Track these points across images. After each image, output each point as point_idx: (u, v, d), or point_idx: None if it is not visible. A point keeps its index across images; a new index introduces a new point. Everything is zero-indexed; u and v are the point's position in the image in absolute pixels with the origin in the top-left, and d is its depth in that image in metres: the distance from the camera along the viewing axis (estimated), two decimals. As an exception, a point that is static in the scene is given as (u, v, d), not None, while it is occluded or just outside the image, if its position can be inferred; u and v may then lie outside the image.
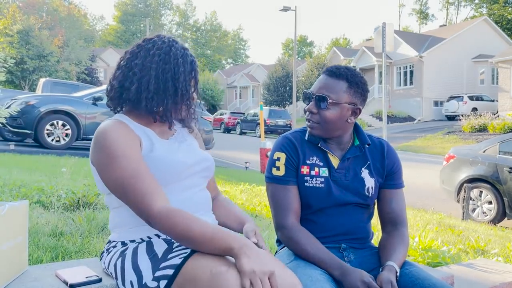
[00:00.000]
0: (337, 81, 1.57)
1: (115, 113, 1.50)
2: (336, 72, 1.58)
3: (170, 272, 1.18)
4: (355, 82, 1.58)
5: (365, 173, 1.63)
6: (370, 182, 1.63)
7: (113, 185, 1.31)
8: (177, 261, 1.20)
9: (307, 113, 1.61)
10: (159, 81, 1.40)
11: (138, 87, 1.40)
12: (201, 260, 1.16)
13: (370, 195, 1.63)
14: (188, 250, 1.22)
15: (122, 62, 1.48)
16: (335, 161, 1.62)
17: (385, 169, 1.66)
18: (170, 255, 1.23)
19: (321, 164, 1.61)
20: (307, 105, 1.61)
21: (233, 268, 1.12)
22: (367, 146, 1.65)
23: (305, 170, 1.60)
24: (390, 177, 1.66)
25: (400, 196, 1.67)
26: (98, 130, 1.37)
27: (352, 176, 1.62)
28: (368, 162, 1.64)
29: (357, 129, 1.67)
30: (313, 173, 1.59)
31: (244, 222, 1.49)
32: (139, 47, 1.47)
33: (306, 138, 1.64)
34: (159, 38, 1.47)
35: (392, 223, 1.63)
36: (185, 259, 1.19)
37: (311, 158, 1.61)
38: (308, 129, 1.62)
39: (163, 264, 1.21)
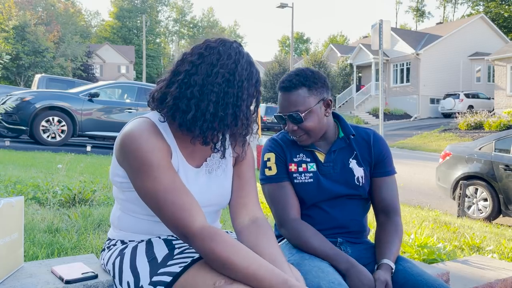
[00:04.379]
0: (295, 92, 1.58)
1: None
2: (290, 85, 1.58)
3: (167, 279, 1.16)
4: (312, 82, 1.59)
5: (353, 164, 1.65)
6: (359, 172, 1.64)
7: (146, 196, 1.21)
8: (176, 269, 1.17)
9: (289, 132, 1.63)
10: (218, 108, 1.22)
11: (195, 115, 1.21)
12: (203, 271, 1.14)
13: (360, 184, 1.64)
14: (189, 260, 1.19)
15: (178, 69, 1.27)
16: (321, 156, 1.65)
17: (373, 158, 1.67)
18: (170, 262, 1.20)
19: (308, 160, 1.64)
20: (285, 126, 1.63)
21: (238, 283, 1.10)
22: (352, 136, 1.67)
23: (293, 167, 1.64)
24: (379, 165, 1.67)
25: (391, 184, 1.67)
26: (129, 134, 1.22)
27: (340, 168, 1.64)
28: (355, 152, 1.66)
29: (340, 121, 1.69)
30: (301, 169, 1.63)
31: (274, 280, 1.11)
32: (200, 56, 1.25)
33: (291, 138, 1.67)
34: (224, 49, 1.26)
35: (385, 212, 1.64)
36: (185, 268, 1.17)
37: (297, 155, 1.65)
38: (299, 143, 1.64)
39: (161, 270, 1.18)
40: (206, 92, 1.21)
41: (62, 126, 8.64)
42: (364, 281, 1.37)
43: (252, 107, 1.30)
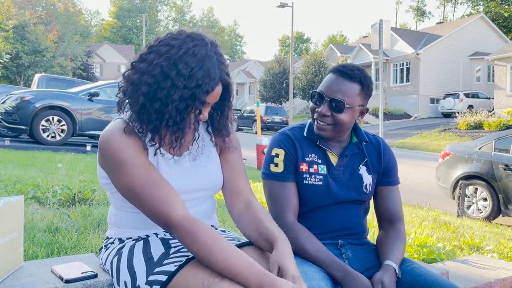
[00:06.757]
0: (351, 83, 1.53)
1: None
2: (350, 74, 1.53)
3: (163, 278, 1.17)
4: (366, 84, 1.56)
5: (363, 170, 1.63)
6: (367, 179, 1.63)
7: (125, 193, 1.25)
8: (171, 268, 1.18)
9: (317, 114, 1.56)
10: (147, 101, 1.21)
11: (129, 101, 1.25)
12: (195, 270, 1.15)
13: (367, 192, 1.63)
14: (184, 258, 1.20)
15: (135, 59, 1.28)
16: (333, 159, 1.62)
17: (382, 166, 1.66)
18: (165, 261, 1.21)
19: (319, 161, 1.60)
20: (318, 106, 1.56)
21: (225, 280, 1.11)
22: (365, 143, 1.65)
23: (304, 167, 1.59)
24: (386, 174, 1.67)
25: (396, 193, 1.68)
26: (103, 135, 1.26)
27: (350, 173, 1.62)
28: (366, 159, 1.65)
29: (354, 126, 1.66)
30: (312, 170, 1.59)
31: (273, 241, 1.23)
32: (156, 46, 1.25)
33: (304, 134, 1.63)
34: (179, 43, 1.23)
35: (389, 220, 1.63)
36: (180, 267, 1.17)
37: (309, 155, 1.60)
38: (317, 130, 1.58)
39: (157, 269, 1.19)
40: (142, 83, 1.21)
41: (62, 125, 8.64)
42: (361, 287, 1.35)
43: (187, 113, 1.23)
